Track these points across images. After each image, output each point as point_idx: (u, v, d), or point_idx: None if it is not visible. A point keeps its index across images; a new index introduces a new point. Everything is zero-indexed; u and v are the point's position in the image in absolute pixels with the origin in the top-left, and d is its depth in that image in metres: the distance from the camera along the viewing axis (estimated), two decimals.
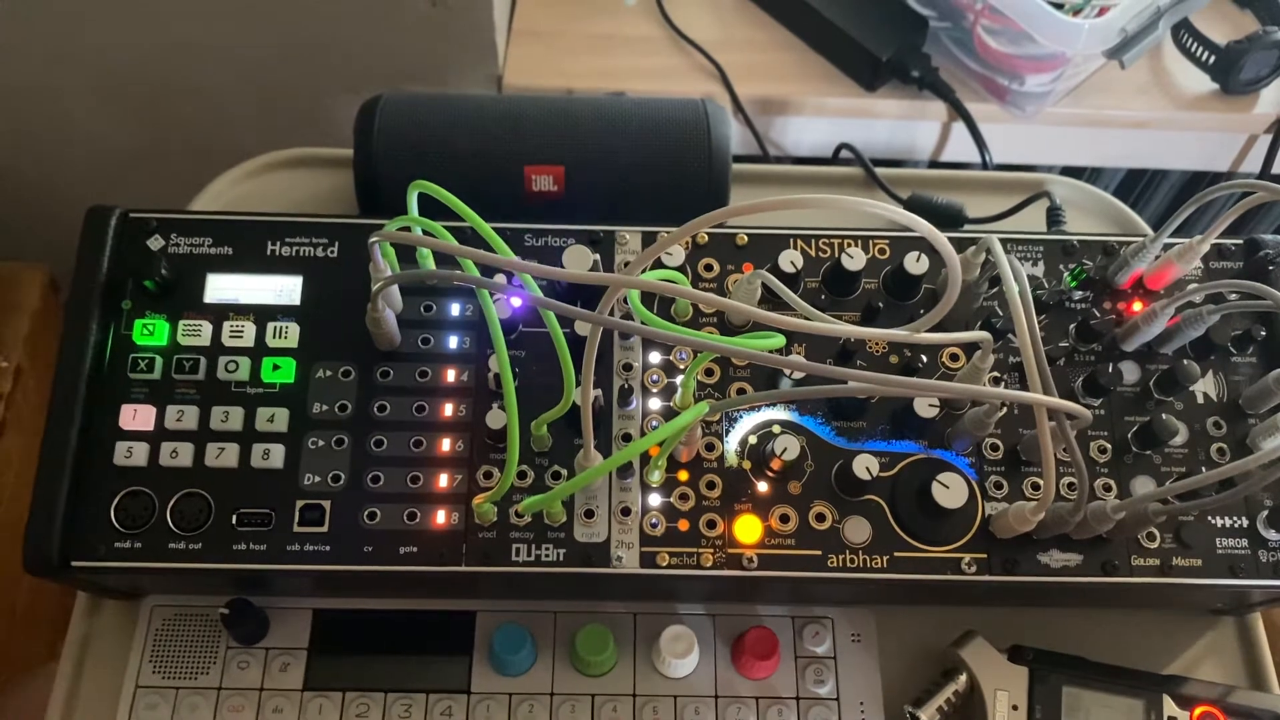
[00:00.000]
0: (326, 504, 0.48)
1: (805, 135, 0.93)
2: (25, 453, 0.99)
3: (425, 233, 0.46)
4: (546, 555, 0.48)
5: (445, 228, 0.46)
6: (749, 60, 0.90)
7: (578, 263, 0.51)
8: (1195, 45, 0.87)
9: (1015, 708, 0.51)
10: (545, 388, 0.49)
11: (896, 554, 0.49)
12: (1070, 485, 0.49)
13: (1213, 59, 0.87)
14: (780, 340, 0.47)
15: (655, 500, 0.49)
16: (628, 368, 0.51)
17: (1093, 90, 0.90)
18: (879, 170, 0.71)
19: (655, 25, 0.92)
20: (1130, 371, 0.52)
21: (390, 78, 0.90)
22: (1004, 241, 0.48)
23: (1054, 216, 0.67)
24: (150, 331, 0.51)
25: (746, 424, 0.51)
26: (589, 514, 0.49)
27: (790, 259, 0.52)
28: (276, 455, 0.49)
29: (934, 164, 0.96)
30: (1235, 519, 0.50)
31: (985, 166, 0.86)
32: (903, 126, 0.92)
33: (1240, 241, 0.55)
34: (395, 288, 0.50)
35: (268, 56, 0.91)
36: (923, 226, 0.37)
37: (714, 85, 0.89)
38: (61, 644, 0.55)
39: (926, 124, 0.91)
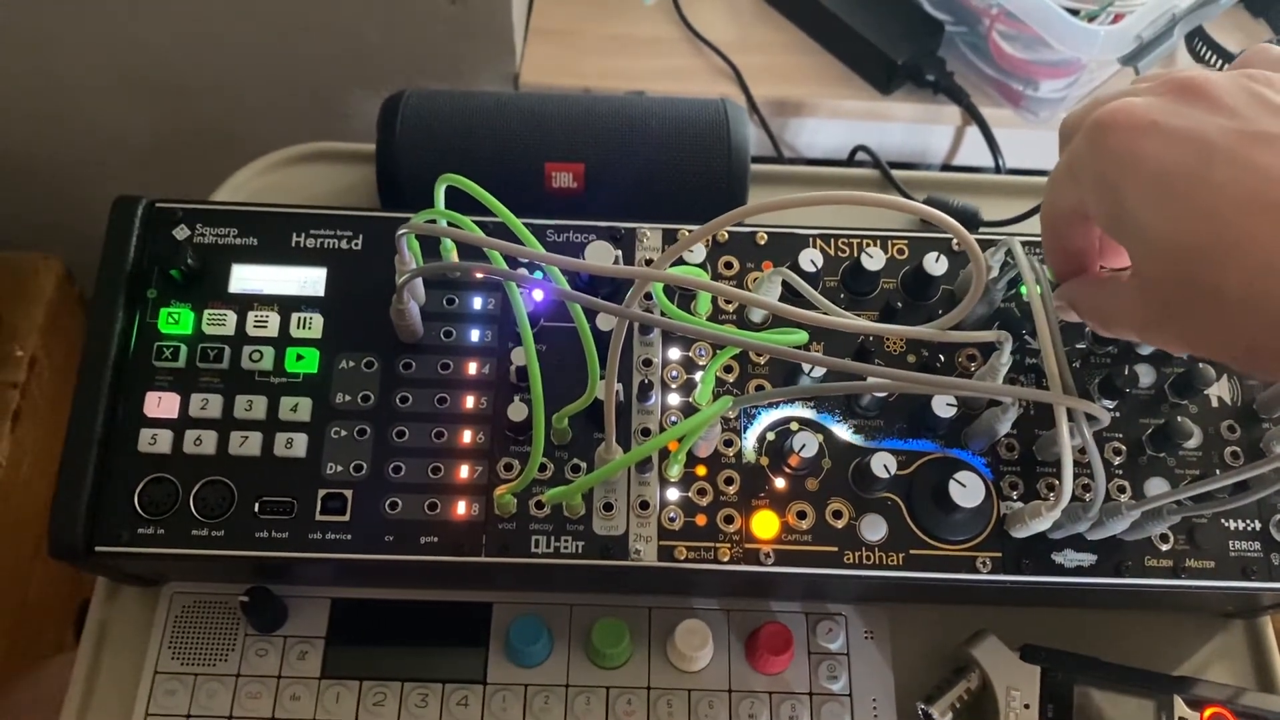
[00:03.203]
0: (348, 493, 0.49)
1: (819, 137, 0.94)
2: (39, 442, 1.00)
3: (451, 225, 0.47)
4: (565, 547, 0.48)
5: (471, 221, 0.46)
6: (765, 62, 0.91)
7: (600, 258, 0.51)
8: (1209, 53, 0.88)
9: (1027, 706, 0.52)
10: (565, 382, 0.49)
11: (912, 552, 0.49)
12: (1085, 486, 0.50)
13: (1226, 67, 0.87)
14: (803, 336, 0.48)
15: (673, 495, 0.50)
16: (647, 363, 0.52)
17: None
18: (894, 173, 0.72)
19: (672, 26, 0.93)
20: (1146, 374, 0.52)
21: (408, 75, 0.91)
22: (1023, 244, 0.48)
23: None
24: (175, 320, 0.51)
25: (765, 420, 0.51)
26: (608, 507, 0.49)
27: (810, 258, 0.53)
28: (299, 444, 0.49)
29: (947, 168, 0.97)
30: (1248, 522, 0.50)
31: (999, 171, 0.86)
32: (917, 130, 0.93)
33: None
34: (419, 280, 0.51)
35: (288, 52, 0.91)
36: (950, 224, 0.37)
37: (730, 86, 0.89)
38: (70, 636, 0.56)
39: (940, 128, 0.92)
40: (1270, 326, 0.33)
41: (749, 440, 0.51)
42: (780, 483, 0.50)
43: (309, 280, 0.53)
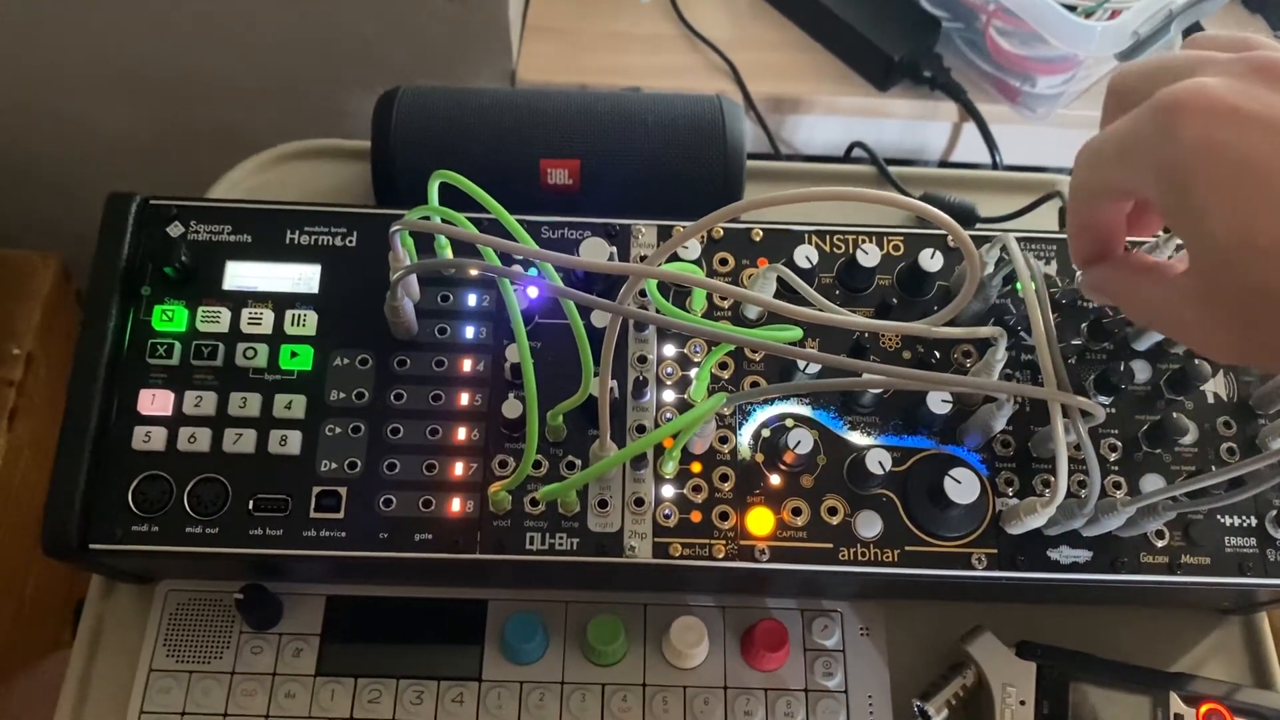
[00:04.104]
0: (343, 491, 0.49)
1: (817, 134, 0.94)
2: (37, 440, 0.99)
3: (445, 222, 0.47)
4: (560, 544, 0.48)
5: (465, 218, 0.46)
6: (762, 59, 0.91)
7: (595, 254, 0.51)
8: None
9: (1023, 703, 0.52)
10: (560, 378, 0.49)
11: (907, 548, 0.49)
12: (1080, 482, 0.50)
13: None
14: (798, 333, 0.48)
15: (668, 491, 0.49)
16: (642, 360, 0.52)
17: (1104, 92, 0.90)
18: (891, 169, 0.72)
19: (669, 23, 0.93)
20: (1141, 370, 0.52)
21: (405, 71, 0.91)
22: (1019, 240, 0.48)
23: (1066, 217, 0.67)
24: (169, 317, 0.51)
25: (760, 417, 0.51)
26: (603, 504, 0.49)
27: (805, 254, 0.53)
28: (294, 442, 0.49)
29: (944, 164, 0.97)
30: (1244, 518, 0.50)
31: (995, 168, 0.86)
32: (914, 126, 0.93)
33: None
34: (413, 277, 0.51)
35: (284, 49, 0.91)
36: (944, 220, 0.37)
37: (727, 83, 0.89)
38: (68, 633, 0.56)
39: (937, 124, 0.92)
40: None
41: (744, 437, 0.51)
42: (775, 479, 0.50)
43: (303, 277, 0.52)
